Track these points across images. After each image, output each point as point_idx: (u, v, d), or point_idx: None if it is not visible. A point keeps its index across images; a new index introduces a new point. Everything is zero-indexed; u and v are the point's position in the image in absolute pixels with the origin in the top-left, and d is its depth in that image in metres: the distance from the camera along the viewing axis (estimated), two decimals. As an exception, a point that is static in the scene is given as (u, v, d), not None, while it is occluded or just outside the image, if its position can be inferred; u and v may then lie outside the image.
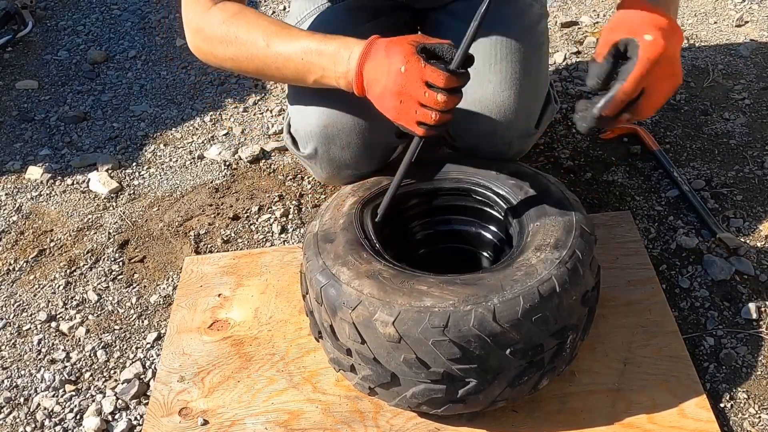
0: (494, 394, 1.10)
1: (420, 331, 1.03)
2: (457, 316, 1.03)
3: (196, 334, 1.41)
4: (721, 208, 1.61)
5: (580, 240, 1.14)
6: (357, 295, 1.08)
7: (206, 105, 2.12)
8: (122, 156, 1.97)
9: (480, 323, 1.03)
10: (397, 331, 1.04)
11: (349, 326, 1.08)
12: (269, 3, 2.58)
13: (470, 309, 1.03)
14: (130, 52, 2.39)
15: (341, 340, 1.12)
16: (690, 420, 1.18)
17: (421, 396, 1.10)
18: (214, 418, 1.26)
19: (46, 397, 1.37)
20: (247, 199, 1.78)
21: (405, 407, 1.16)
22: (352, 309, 1.07)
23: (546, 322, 1.06)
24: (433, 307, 1.04)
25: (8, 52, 2.44)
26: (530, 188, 1.26)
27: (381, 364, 1.09)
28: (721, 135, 1.81)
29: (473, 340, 1.03)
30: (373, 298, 1.06)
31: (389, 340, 1.05)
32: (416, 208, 1.36)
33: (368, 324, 1.06)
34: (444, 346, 1.04)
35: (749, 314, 1.38)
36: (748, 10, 2.27)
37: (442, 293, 1.06)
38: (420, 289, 1.07)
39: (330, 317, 1.12)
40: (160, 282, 1.59)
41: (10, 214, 1.81)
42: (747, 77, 1.99)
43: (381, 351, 1.08)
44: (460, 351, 1.04)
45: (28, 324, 1.53)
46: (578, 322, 1.13)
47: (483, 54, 1.33)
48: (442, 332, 1.03)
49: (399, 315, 1.04)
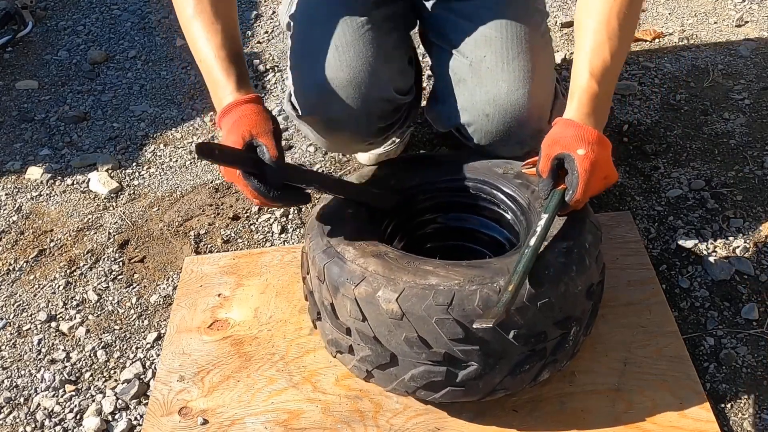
0: (494, 381, 1.09)
1: (423, 309, 1.03)
2: (462, 294, 1.02)
3: (196, 333, 1.41)
4: (721, 208, 1.61)
5: (587, 233, 1.14)
6: (361, 272, 1.07)
7: (206, 105, 2.12)
8: (122, 156, 1.97)
9: (485, 303, 1.02)
10: (400, 307, 1.03)
11: (351, 303, 1.08)
12: (269, 3, 2.58)
13: (476, 289, 1.03)
14: (130, 52, 2.39)
15: (341, 319, 1.12)
16: (690, 420, 1.18)
17: (420, 378, 1.09)
18: (214, 418, 1.26)
19: (46, 397, 1.37)
20: (247, 199, 1.78)
21: (402, 392, 1.15)
22: (355, 285, 1.07)
23: (551, 309, 1.06)
24: (438, 285, 1.04)
25: (8, 52, 2.44)
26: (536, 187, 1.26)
27: (381, 344, 1.08)
28: (721, 135, 1.81)
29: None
30: (378, 275, 1.06)
31: (392, 317, 1.04)
32: (422, 205, 1.36)
33: (371, 300, 1.06)
34: (447, 325, 1.03)
35: (749, 314, 1.38)
36: (748, 10, 2.27)
37: (448, 273, 1.06)
38: (425, 269, 1.07)
39: (331, 295, 1.11)
40: (160, 282, 1.59)
41: (10, 214, 1.81)
42: (747, 77, 1.99)
43: (382, 329, 1.07)
44: (463, 331, 1.03)
45: (28, 324, 1.53)
46: (582, 315, 1.13)
47: (496, 52, 1.35)
48: (446, 310, 1.02)
49: (403, 291, 1.04)
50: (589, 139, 1.10)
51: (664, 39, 2.18)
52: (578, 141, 1.10)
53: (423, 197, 1.35)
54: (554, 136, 1.13)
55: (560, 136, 1.12)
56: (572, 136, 1.10)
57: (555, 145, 1.12)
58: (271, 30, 2.43)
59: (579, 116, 1.13)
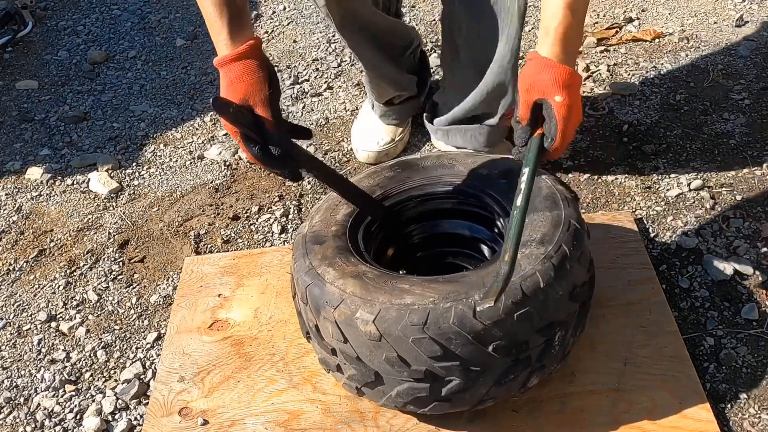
0: (481, 392, 1.09)
1: (400, 329, 1.03)
2: (437, 313, 1.02)
3: (196, 334, 1.41)
4: (721, 208, 1.61)
5: (568, 234, 1.11)
6: (340, 294, 1.08)
7: (206, 105, 2.12)
8: (122, 156, 1.97)
9: (460, 320, 1.02)
10: (377, 329, 1.04)
11: (332, 325, 1.08)
12: (269, 3, 2.58)
13: (450, 306, 1.02)
14: (130, 52, 2.39)
15: (326, 340, 1.12)
16: (690, 420, 1.18)
17: (406, 395, 1.09)
18: (214, 418, 1.26)
19: (46, 397, 1.37)
20: (247, 199, 1.78)
21: (392, 407, 1.16)
22: (334, 308, 1.07)
23: (530, 319, 1.04)
24: (412, 304, 1.04)
25: (8, 52, 2.44)
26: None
27: (364, 363, 1.09)
28: (721, 135, 1.81)
29: (454, 338, 1.02)
30: (355, 297, 1.06)
31: (370, 338, 1.05)
32: (409, 212, 1.35)
33: (350, 322, 1.06)
34: (424, 344, 1.03)
35: (749, 314, 1.38)
36: (748, 10, 2.27)
37: (423, 291, 1.05)
38: (401, 287, 1.07)
39: (315, 317, 1.12)
40: (160, 282, 1.59)
41: (10, 214, 1.81)
42: (747, 77, 1.99)
43: (363, 350, 1.07)
44: (440, 349, 1.03)
45: (28, 324, 1.53)
46: (567, 318, 1.11)
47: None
48: (421, 330, 1.02)
49: (379, 313, 1.04)
50: (564, 81, 1.12)
51: (664, 39, 2.18)
52: (555, 86, 1.11)
53: (411, 205, 1.34)
54: (531, 79, 1.14)
55: (537, 80, 1.13)
56: (549, 80, 1.11)
57: (532, 90, 1.13)
58: (272, 30, 2.43)
59: (554, 53, 1.14)
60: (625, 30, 2.24)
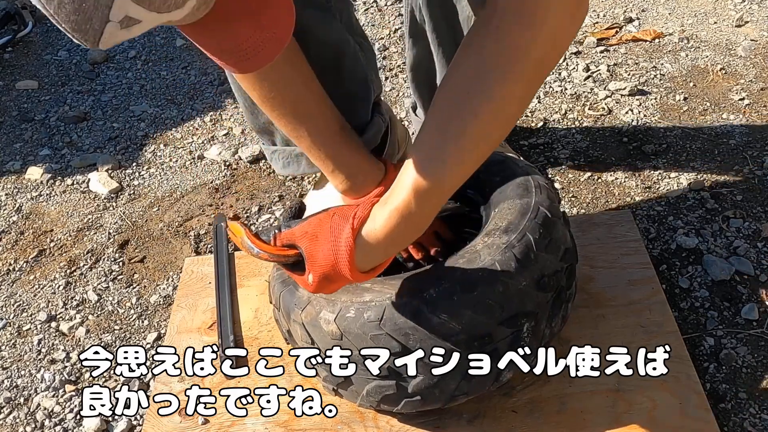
0: (450, 388, 1.06)
1: (358, 326, 1.03)
2: (392, 308, 1.02)
3: (196, 334, 1.41)
4: (721, 208, 1.61)
5: (534, 222, 1.08)
6: (307, 296, 1.09)
7: (206, 105, 2.12)
8: (122, 156, 1.97)
9: (414, 315, 1.01)
10: (338, 327, 1.04)
11: (300, 327, 1.09)
12: (269, 3, 2.58)
13: (406, 301, 1.02)
14: (130, 52, 2.39)
15: (299, 344, 1.13)
16: (690, 420, 1.18)
17: (375, 394, 1.09)
18: (214, 418, 1.26)
19: (46, 397, 1.37)
20: (247, 199, 1.78)
21: (367, 406, 1.15)
22: (302, 310, 1.09)
23: (490, 311, 1.02)
24: (371, 301, 1.04)
25: (8, 52, 2.44)
26: (498, 177, 1.21)
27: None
28: (721, 135, 1.81)
29: (411, 333, 1.01)
30: (321, 298, 1.07)
31: (333, 337, 1.05)
32: None
33: (315, 323, 1.07)
34: (382, 340, 1.02)
35: (749, 314, 1.38)
36: (748, 10, 2.27)
37: (383, 288, 1.05)
38: (364, 286, 1.07)
39: (287, 321, 1.14)
40: (160, 282, 1.59)
41: (10, 214, 1.81)
42: (746, 77, 1.99)
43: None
44: (398, 344, 1.02)
45: (28, 324, 1.53)
46: (537, 308, 1.06)
47: None
48: (378, 326, 1.02)
49: (340, 311, 1.04)
50: (330, 262, 0.95)
51: (664, 39, 2.18)
52: (325, 256, 0.95)
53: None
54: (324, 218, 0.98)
55: (320, 228, 0.97)
56: (326, 240, 0.95)
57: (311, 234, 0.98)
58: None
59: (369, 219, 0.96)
60: (625, 30, 2.24)
